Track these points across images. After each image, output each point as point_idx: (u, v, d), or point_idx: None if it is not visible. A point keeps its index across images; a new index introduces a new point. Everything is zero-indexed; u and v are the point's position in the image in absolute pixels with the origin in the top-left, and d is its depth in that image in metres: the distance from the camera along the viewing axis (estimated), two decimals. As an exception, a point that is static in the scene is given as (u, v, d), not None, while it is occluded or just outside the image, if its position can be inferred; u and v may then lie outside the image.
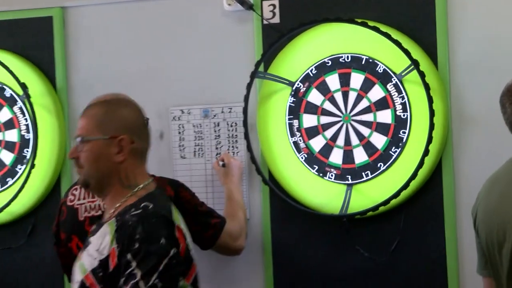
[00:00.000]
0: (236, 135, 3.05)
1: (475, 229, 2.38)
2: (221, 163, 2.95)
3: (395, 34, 2.74)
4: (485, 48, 2.81)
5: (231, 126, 3.06)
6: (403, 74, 2.74)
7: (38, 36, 3.23)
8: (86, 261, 1.96)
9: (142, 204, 1.95)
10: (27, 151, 3.14)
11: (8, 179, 3.17)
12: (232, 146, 3.05)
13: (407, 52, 2.67)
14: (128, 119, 2.08)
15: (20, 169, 3.15)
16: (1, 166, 3.19)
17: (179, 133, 3.10)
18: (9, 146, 3.19)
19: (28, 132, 3.14)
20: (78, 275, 2.00)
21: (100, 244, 1.94)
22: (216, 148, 3.08)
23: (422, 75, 2.66)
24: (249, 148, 2.90)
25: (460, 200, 2.82)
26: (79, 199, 2.63)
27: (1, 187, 3.18)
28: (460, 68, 2.80)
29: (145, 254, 1.84)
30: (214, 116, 3.07)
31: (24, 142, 3.16)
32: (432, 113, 2.68)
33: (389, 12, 2.85)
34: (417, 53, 2.73)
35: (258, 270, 3.01)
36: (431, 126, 2.69)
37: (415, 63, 2.67)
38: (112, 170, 2.03)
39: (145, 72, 3.12)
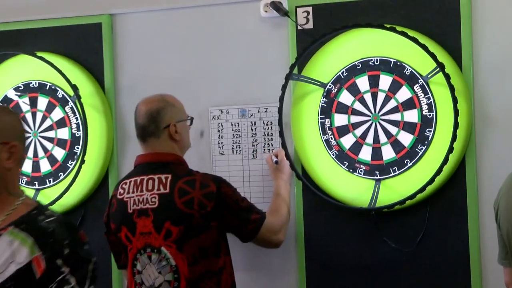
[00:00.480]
0: (271, 133, 3.05)
1: (496, 222, 2.36)
2: (274, 159, 2.92)
3: (422, 39, 2.73)
4: (507, 52, 2.79)
5: (267, 125, 3.06)
6: (429, 76, 2.73)
7: (88, 41, 3.25)
8: None
9: (48, 212, 1.85)
10: (78, 148, 3.16)
11: (60, 174, 3.20)
12: (268, 144, 3.05)
13: (433, 56, 2.67)
14: (16, 127, 1.94)
15: (71, 164, 3.18)
16: (54, 162, 3.21)
17: (218, 131, 3.10)
18: (61, 143, 3.20)
19: (78, 130, 3.16)
20: None
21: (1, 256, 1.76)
22: (253, 146, 3.07)
23: (447, 77, 2.65)
24: (283, 145, 2.90)
25: (482, 194, 2.80)
26: (128, 193, 2.64)
27: (54, 181, 3.21)
28: (484, 71, 2.79)
29: (76, 259, 1.76)
30: (251, 115, 3.07)
31: (74, 140, 3.18)
32: (456, 113, 2.67)
33: (416, 18, 2.84)
34: (442, 56, 2.73)
35: (292, 260, 3.01)
36: (456, 125, 2.68)
37: (440, 66, 2.66)
38: (1, 176, 1.87)
39: (187, 75, 3.13)
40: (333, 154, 2.89)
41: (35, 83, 3.16)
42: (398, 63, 2.79)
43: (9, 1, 3.35)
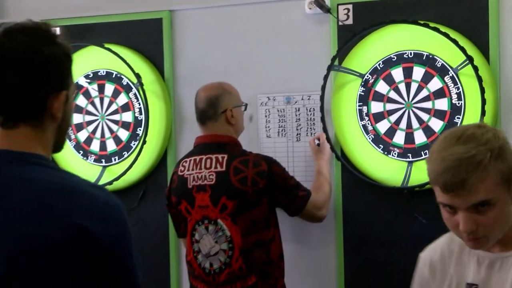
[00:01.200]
0: (313, 119, 3.04)
1: None
2: (316, 141, 2.91)
3: (453, 34, 2.70)
4: None
5: (310, 111, 3.04)
6: (459, 68, 2.71)
7: (150, 34, 3.26)
8: None
9: None
10: (140, 129, 3.18)
11: (124, 153, 3.23)
12: (310, 128, 3.05)
13: (463, 49, 2.65)
14: None
15: (134, 144, 3.20)
16: (119, 142, 3.24)
17: (266, 116, 3.10)
18: (125, 125, 3.23)
19: (140, 114, 3.18)
20: None
21: None
22: (297, 130, 3.06)
23: (475, 69, 2.63)
24: (324, 130, 2.90)
25: None
26: (188, 170, 2.66)
27: (118, 159, 3.24)
28: (510, 64, 2.75)
29: None
30: (295, 102, 3.06)
31: (137, 122, 3.20)
32: (483, 102, 2.65)
33: (447, 15, 2.81)
34: (471, 50, 2.70)
35: (331, 233, 3.02)
36: (483, 113, 2.65)
37: (469, 59, 2.65)
38: None
39: (238, 65, 3.12)
40: (369, 138, 2.88)
41: (103, 71, 3.19)
42: (430, 56, 2.77)
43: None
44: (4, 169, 1.43)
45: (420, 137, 2.82)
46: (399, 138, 2.84)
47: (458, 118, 2.74)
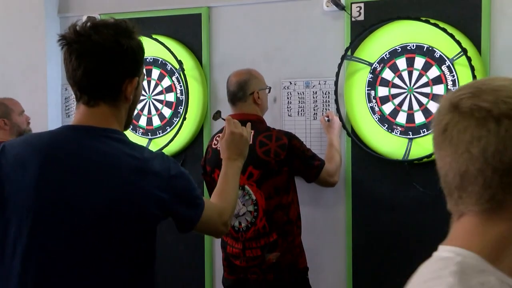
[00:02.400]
0: (328, 101, 3.02)
1: None
2: (326, 118, 2.92)
3: (450, 29, 2.69)
4: None
5: (325, 94, 3.02)
6: (454, 58, 2.69)
7: (191, 27, 3.25)
8: None
9: None
10: (181, 108, 3.19)
11: (167, 127, 3.24)
12: (325, 109, 3.03)
13: (458, 42, 2.63)
14: None
15: (175, 121, 3.21)
16: (163, 118, 3.25)
17: (288, 98, 3.08)
18: (168, 104, 3.24)
19: (182, 95, 3.18)
20: None
21: None
22: (314, 110, 3.04)
23: (469, 59, 2.62)
24: (338, 110, 2.91)
25: None
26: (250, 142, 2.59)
27: (162, 133, 3.25)
28: (499, 55, 2.73)
29: None
30: (313, 86, 3.04)
31: (178, 102, 3.20)
32: None
33: (445, 12, 2.78)
34: (465, 43, 2.69)
35: (341, 197, 3.01)
36: None
37: (464, 51, 2.63)
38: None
39: (265, 55, 3.11)
40: (376, 118, 2.87)
41: (150, 58, 3.20)
42: (430, 48, 2.74)
43: None
44: (84, 141, 1.49)
45: (419, 118, 2.80)
46: (401, 118, 2.83)
47: None
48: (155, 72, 3.26)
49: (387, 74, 2.85)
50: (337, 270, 3.03)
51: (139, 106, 3.28)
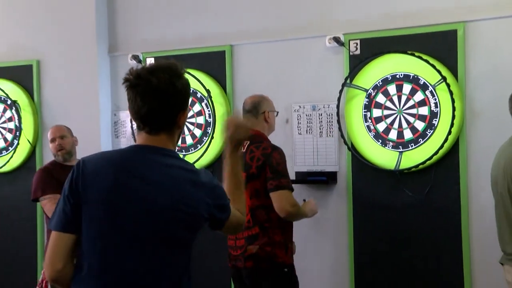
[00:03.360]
0: (331, 121, 3.06)
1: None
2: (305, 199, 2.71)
3: (431, 60, 2.76)
4: (488, 69, 2.76)
5: (329, 115, 3.06)
6: (436, 85, 2.75)
7: (216, 61, 3.23)
8: None
9: None
10: (209, 129, 3.24)
11: (198, 145, 3.33)
12: (329, 128, 3.05)
13: (438, 71, 2.71)
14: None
15: (204, 139, 3.30)
16: (194, 137, 3.33)
17: (297, 119, 3.12)
18: (199, 126, 3.31)
19: (209, 117, 3.24)
20: None
21: None
22: (319, 129, 3.06)
23: (448, 85, 2.69)
24: (340, 129, 2.97)
25: (470, 162, 2.79)
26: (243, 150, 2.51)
27: (194, 150, 3.33)
28: (473, 81, 2.77)
29: None
30: (319, 109, 3.08)
31: (207, 124, 3.22)
32: (453, 109, 2.70)
33: (428, 46, 2.83)
34: (445, 71, 2.76)
35: (344, 201, 3.05)
36: (453, 117, 2.71)
37: (444, 78, 2.71)
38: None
39: (278, 83, 3.16)
40: (371, 135, 2.92)
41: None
42: (415, 76, 2.81)
43: (173, 35, 3.39)
44: (150, 156, 1.55)
45: (408, 134, 2.85)
46: (393, 135, 2.88)
47: (435, 120, 2.79)
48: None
49: (380, 98, 2.91)
50: (340, 257, 3.07)
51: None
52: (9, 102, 3.74)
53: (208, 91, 3.26)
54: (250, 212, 2.45)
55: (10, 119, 3.79)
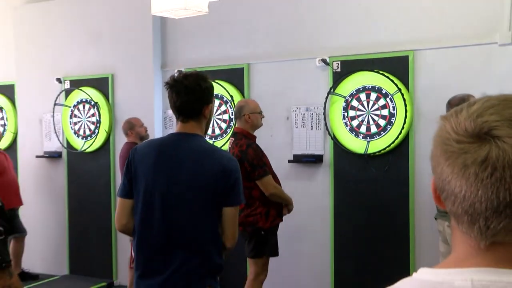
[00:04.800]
0: (319, 119, 3.28)
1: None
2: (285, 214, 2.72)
3: (391, 76, 3.00)
4: (431, 83, 2.97)
5: (318, 114, 3.29)
6: (393, 94, 2.99)
7: (238, 74, 3.41)
8: None
9: None
10: (231, 123, 3.47)
11: (223, 135, 3.53)
12: (318, 124, 3.27)
13: (396, 84, 2.96)
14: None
15: (228, 131, 3.50)
16: (221, 129, 3.53)
17: (295, 117, 3.34)
18: (224, 121, 3.53)
19: (232, 115, 3.41)
20: None
21: None
22: (311, 124, 3.25)
23: (402, 95, 2.93)
24: (325, 124, 3.19)
25: (416, 150, 3.01)
26: (229, 145, 2.66)
27: (221, 138, 3.51)
28: (420, 91, 2.99)
29: None
30: (311, 110, 3.29)
31: (230, 119, 3.49)
32: (406, 111, 2.94)
33: (388, 66, 3.05)
34: (400, 84, 3.00)
35: (327, 177, 3.23)
36: (405, 117, 2.94)
37: (399, 89, 2.95)
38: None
39: (282, 92, 3.35)
40: (348, 129, 3.15)
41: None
42: (379, 87, 3.06)
43: (207, 55, 3.56)
44: (179, 139, 1.64)
45: (373, 129, 3.09)
46: (363, 129, 3.13)
47: (393, 119, 3.03)
48: (216, 102, 3.48)
49: (354, 102, 3.15)
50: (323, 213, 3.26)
51: (216, 119, 3.53)
52: (92, 103, 4.06)
53: (231, 96, 3.49)
54: None
55: (92, 115, 4.07)
